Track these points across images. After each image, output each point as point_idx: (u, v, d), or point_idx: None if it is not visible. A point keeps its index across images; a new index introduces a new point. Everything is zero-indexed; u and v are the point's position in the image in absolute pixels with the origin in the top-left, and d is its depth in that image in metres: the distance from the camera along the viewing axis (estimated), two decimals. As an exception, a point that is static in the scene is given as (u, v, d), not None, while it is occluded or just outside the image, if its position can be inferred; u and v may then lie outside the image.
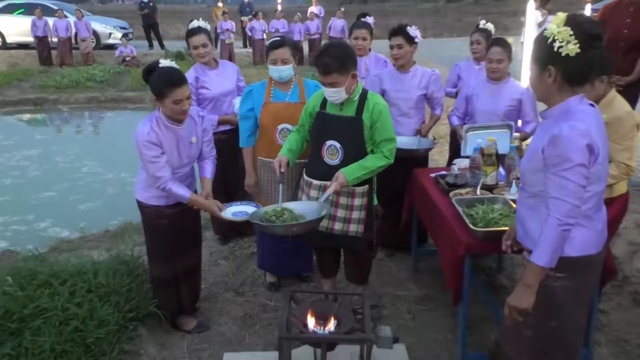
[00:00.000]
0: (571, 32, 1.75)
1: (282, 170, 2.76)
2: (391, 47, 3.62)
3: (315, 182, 2.80)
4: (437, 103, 3.79)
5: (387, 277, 3.70)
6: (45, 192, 6.25)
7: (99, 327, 2.71)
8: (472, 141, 3.30)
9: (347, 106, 2.74)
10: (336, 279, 3.28)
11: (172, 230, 2.91)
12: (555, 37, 1.77)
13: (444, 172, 3.29)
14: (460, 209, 2.68)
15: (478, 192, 2.95)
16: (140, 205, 2.94)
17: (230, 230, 4.26)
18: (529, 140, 3.27)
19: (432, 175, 3.32)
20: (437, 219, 2.93)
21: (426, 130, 3.75)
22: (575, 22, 1.76)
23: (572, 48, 1.75)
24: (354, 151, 2.71)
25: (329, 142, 2.75)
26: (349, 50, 2.66)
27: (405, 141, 3.63)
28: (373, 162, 2.69)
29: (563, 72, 1.81)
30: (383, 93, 3.72)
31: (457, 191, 2.98)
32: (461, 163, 3.27)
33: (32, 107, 11.39)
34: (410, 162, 3.59)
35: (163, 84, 2.63)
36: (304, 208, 2.68)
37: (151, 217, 2.92)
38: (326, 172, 2.73)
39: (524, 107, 3.54)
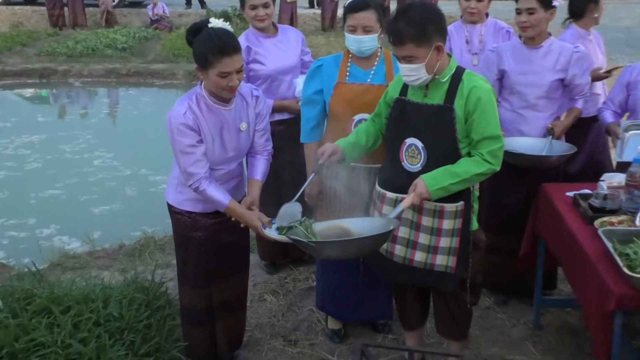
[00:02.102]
0: None
1: (321, 162, 2.80)
2: (518, 12, 3.55)
3: (389, 194, 2.79)
4: (580, 92, 3.69)
5: (496, 333, 3.64)
6: (48, 190, 6.63)
7: (107, 373, 2.80)
8: (634, 145, 3.21)
9: (434, 91, 2.72)
10: (424, 332, 3.25)
11: (209, 245, 2.99)
12: None
13: (586, 191, 3.20)
14: (610, 245, 2.61)
15: (637, 222, 2.85)
16: (172, 210, 3.03)
17: (282, 256, 4.31)
18: None
19: (569, 194, 3.25)
20: (576, 256, 2.86)
21: (561, 130, 3.65)
22: None
23: None
24: (441, 152, 2.68)
25: (409, 141, 2.73)
26: (434, 14, 2.65)
27: (531, 144, 3.56)
28: (467, 168, 2.64)
29: None
30: (502, 75, 3.67)
31: (605, 219, 2.89)
32: (612, 179, 3.18)
33: (37, 80, 12.17)
34: (536, 173, 3.54)
35: (209, 49, 2.68)
36: (365, 225, 2.70)
37: (184, 227, 3.01)
38: (405, 182, 2.71)
39: None
